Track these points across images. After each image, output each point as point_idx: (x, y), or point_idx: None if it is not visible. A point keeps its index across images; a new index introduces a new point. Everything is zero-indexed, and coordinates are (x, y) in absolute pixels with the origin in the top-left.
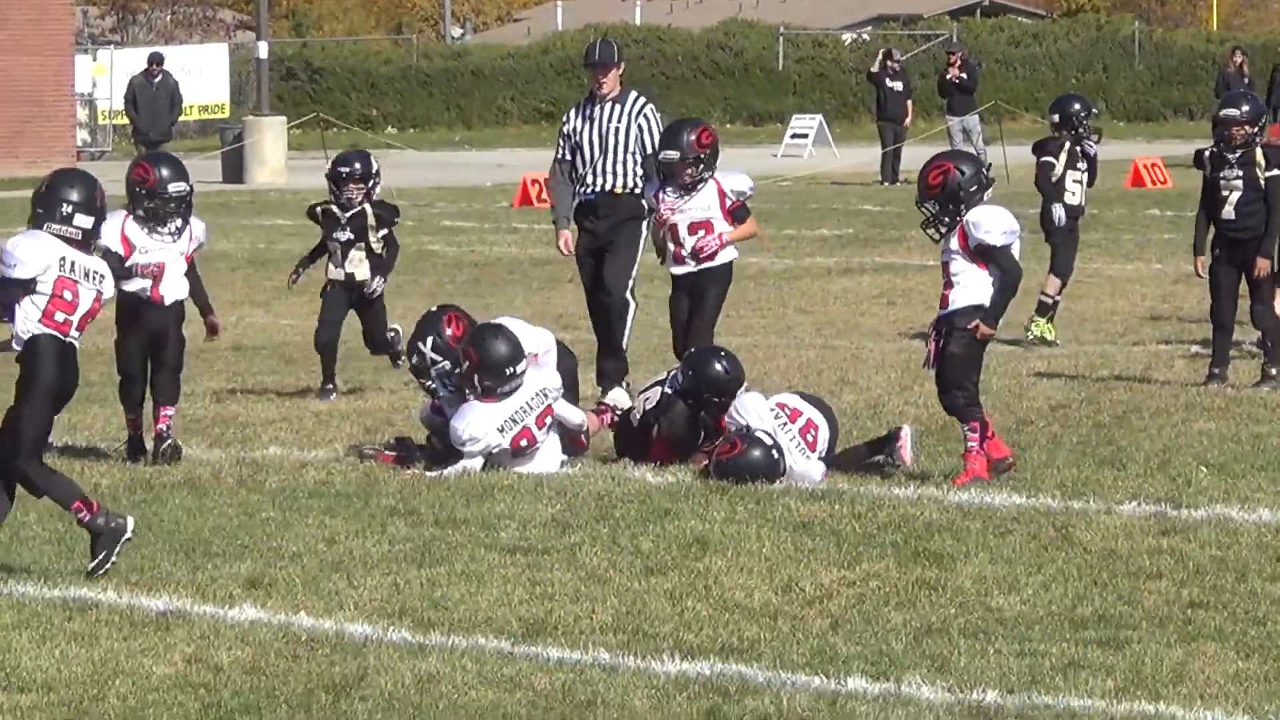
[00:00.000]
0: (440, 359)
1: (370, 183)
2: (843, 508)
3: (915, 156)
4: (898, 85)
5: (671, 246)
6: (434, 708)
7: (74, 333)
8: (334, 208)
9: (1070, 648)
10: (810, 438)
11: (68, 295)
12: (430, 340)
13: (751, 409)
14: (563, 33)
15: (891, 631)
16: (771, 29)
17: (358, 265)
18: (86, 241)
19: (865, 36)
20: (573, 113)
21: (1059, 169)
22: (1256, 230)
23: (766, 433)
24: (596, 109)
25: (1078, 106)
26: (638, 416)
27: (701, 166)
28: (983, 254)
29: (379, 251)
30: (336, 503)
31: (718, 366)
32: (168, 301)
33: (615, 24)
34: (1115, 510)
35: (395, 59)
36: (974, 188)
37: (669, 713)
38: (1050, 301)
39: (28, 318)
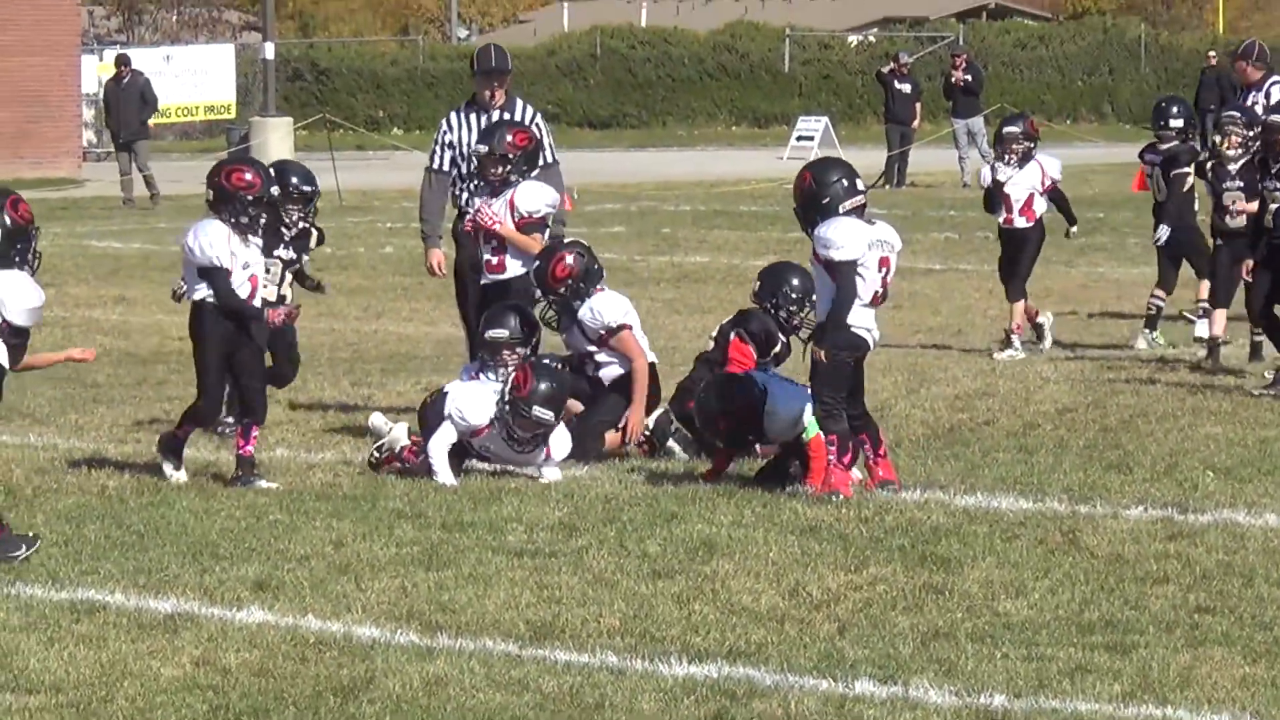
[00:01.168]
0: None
1: (311, 205)
2: (849, 511)
3: (922, 159)
4: (906, 87)
5: (485, 256)
6: (442, 710)
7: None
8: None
9: (1077, 652)
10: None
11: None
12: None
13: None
14: (569, 34)
15: (899, 635)
16: (778, 31)
17: (288, 286)
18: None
19: (871, 38)
20: (455, 121)
21: (1190, 179)
22: None
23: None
24: (484, 118)
25: (1184, 109)
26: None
27: (508, 168)
28: (829, 268)
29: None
30: (344, 505)
31: (795, 276)
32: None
33: (621, 25)
34: (1122, 515)
35: (401, 60)
36: (826, 199)
37: (676, 715)
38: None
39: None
